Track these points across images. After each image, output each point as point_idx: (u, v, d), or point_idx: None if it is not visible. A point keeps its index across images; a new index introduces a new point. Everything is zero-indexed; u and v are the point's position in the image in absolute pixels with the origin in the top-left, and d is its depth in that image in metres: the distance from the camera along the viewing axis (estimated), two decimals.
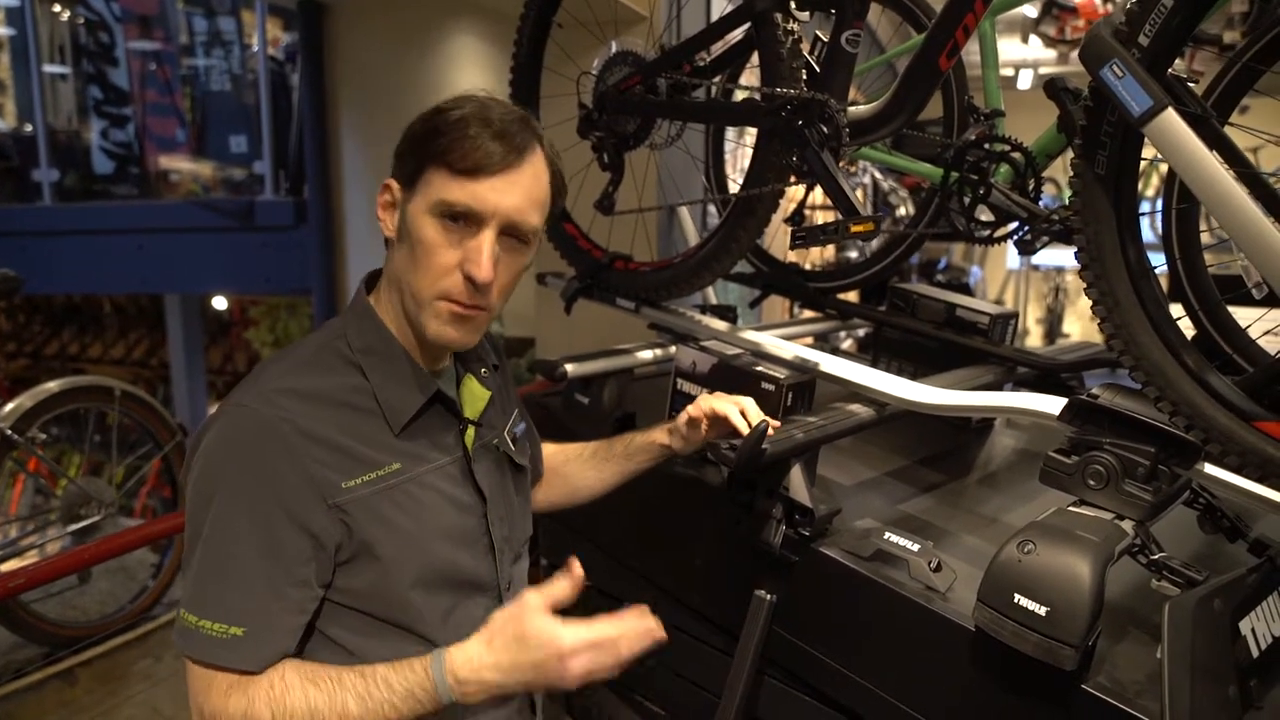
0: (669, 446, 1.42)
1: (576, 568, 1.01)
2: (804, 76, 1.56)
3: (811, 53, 1.62)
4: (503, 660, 1.00)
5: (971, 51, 1.59)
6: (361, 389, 1.09)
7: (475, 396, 1.23)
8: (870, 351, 2.28)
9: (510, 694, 1.03)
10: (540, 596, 1.01)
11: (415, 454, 1.11)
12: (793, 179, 1.60)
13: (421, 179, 1.05)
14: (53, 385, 2.75)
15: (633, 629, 1.04)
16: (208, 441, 1.02)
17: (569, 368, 1.85)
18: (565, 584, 1.02)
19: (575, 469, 1.49)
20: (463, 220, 1.05)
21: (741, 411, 1.34)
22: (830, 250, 5.55)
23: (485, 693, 1.00)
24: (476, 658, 1.00)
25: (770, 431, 1.33)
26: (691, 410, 1.37)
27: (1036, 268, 10.49)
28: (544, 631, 0.99)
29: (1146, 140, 1.17)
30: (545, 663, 0.99)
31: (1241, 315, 1.69)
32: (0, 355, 9.82)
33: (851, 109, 1.57)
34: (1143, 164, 1.26)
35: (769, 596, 1.43)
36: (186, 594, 1.01)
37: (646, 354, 2.02)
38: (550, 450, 1.53)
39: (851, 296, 2.46)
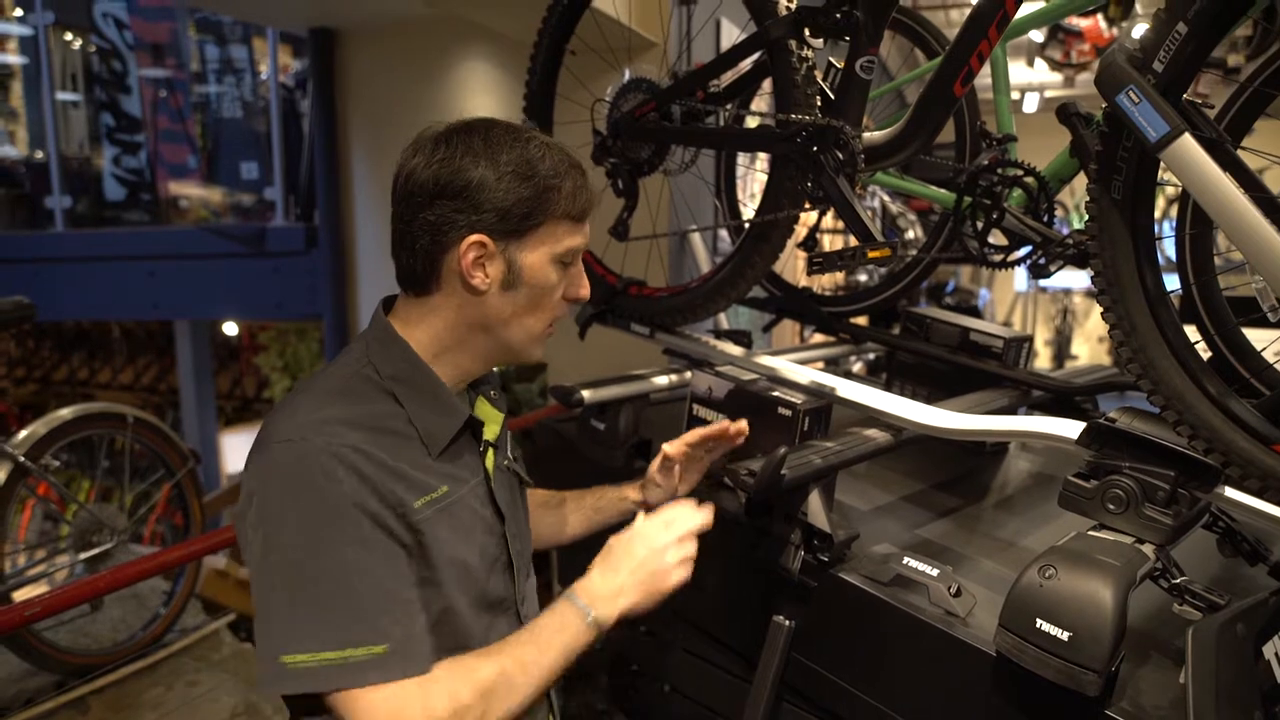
0: (642, 501, 1.45)
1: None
2: (818, 103, 1.57)
3: (825, 79, 1.64)
4: (625, 582, 1.14)
5: (982, 76, 1.61)
6: (397, 415, 1.09)
7: (490, 419, 1.24)
8: (883, 375, 2.28)
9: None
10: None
11: (453, 476, 1.12)
12: (808, 205, 1.61)
13: (538, 232, 1.11)
14: (66, 412, 2.75)
15: (694, 517, 1.24)
16: (270, 488, 0.99)
17: (585, 394, 1.85)
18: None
19: (539, 515, 1.47)
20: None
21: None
22: (841, 274, 5.56)
23: (621, 613, 1.14)
24: (605, 591, 1.13)
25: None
26: (667, 449, 1.41)
27: (1044, 290, 10.50)
28: (648, 527, 1.20)
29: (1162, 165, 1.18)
30: (648, 560, 1.17)
31: (1255, 337, 1.69)
32: (9, 380, 9.87)
33: (866, 135, 1.58)
34: None
35: (787, 622, 1.43)
36: (302, 635, 0.96)
37: (662, 380, 2.02)
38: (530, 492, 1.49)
39: (859, 319, 2.46)
